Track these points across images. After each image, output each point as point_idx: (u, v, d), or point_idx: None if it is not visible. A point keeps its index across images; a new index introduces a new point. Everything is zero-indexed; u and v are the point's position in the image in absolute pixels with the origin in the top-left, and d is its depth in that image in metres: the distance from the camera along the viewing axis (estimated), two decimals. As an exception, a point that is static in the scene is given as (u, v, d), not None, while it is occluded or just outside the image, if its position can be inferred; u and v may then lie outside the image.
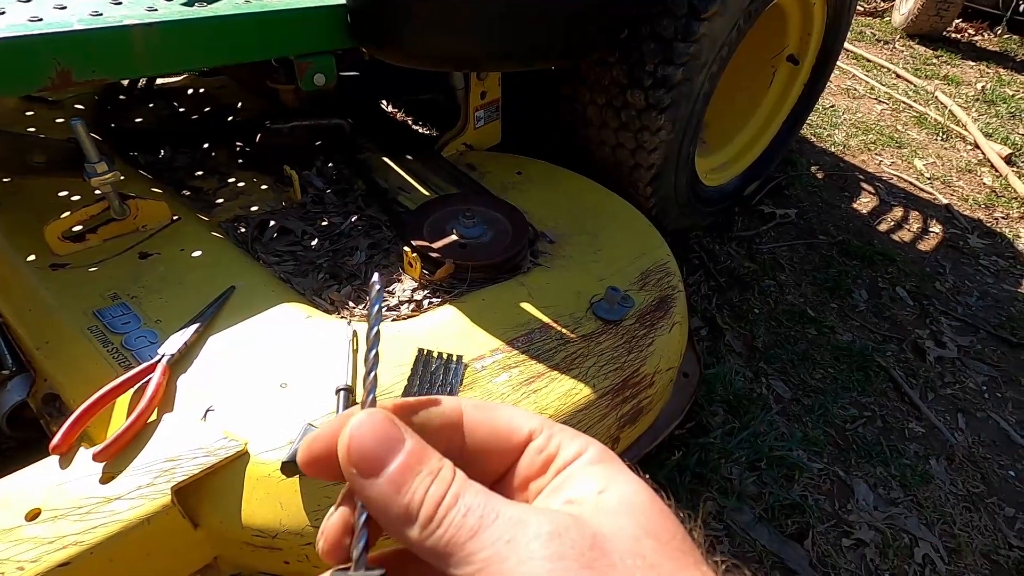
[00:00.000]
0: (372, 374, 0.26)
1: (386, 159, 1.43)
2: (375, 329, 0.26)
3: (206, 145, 1.41)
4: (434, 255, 1.07)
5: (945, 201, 2.34)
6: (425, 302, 1.04)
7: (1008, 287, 1.93)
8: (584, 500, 0.25)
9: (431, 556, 0.22)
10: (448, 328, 0.97)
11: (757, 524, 1.12)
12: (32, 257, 1.00)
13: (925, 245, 2.08)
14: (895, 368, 1.53)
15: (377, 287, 0.26)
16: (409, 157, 1.44)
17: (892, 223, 2.16)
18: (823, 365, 1.51)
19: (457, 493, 0.23)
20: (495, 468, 0.27)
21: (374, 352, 0.26)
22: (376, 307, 0.26)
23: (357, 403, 0.82)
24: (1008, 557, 1.14)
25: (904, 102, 3.16)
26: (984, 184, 2.52)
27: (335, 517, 0.26)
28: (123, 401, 0.79)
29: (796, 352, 1.53)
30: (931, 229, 2.17)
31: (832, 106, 3.03)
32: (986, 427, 1.42)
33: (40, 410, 0.93)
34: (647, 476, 0.27)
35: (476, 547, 0.22)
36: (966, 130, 2.92)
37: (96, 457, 0.70)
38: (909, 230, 2.14)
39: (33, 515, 0.66)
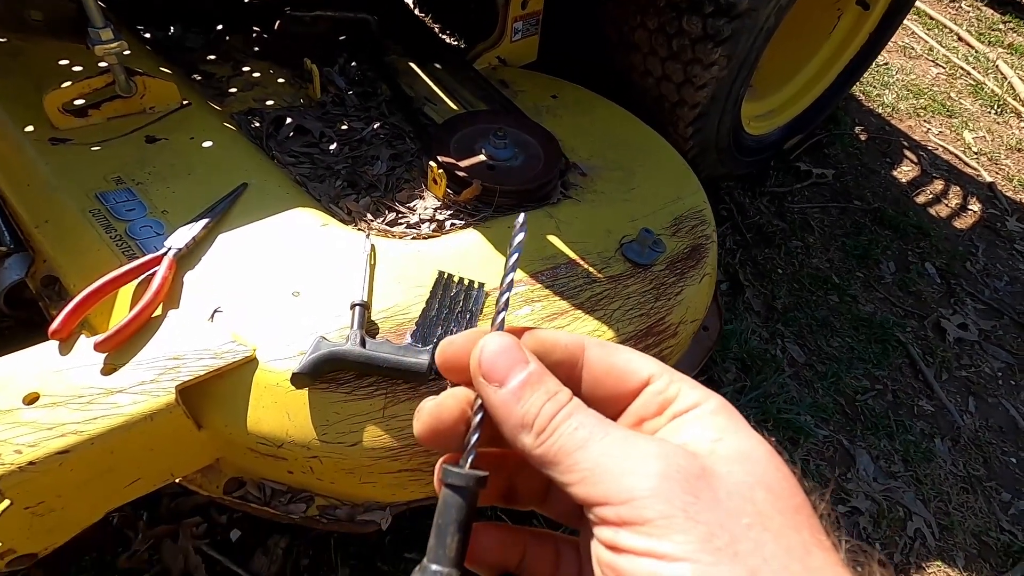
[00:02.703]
0: (504, 297, 0.28)
1: (413, 65, 1.32)
2: (510, 276, 0.29)
3: (220, 27, 1.29)
4: (461, 174, 1.00)
5: (989, 179, 2.23)
6: (447, 223, 0.98)
7: (1039, 275, 1.87)
8: (699, 445, 0.24)
9: (540, 463, 0.24)
10: (471, 253, 0.91)
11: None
12: (30, 128, 0.92)
13: (961, 223, 2.00)
14: (913, 344, 1.50)
15: (521, 236, 0.29)
16: (438, 66, 1.33)
17: (931, 196, 2.07)
18: (841, 333, 1.48)
19: (571, 412, 0.24)
20: (609, 409, 0.27)
21: (509, 278, 0.29)
22: (515, 255, 0.28)
23: (372, 320, 0.78)
24: (998, 540, 1.16)
25: (962, 68, 2.96)
26: (1032, 165, 2.40)
27: (432, 404, 0.28)
28: (126, 292, 0.74)
29: (815, 317, 1.49)
30: (970, 207, 2.07)
31: (886, 63, 2.84)
32: (996, 413, 1.41)
33: (39, 291, 0.89)
34: (773, 439, 0.25)
35: (582, 457, 0.23)
36: None
37: (98, 347, 0.66)
38: (947, 205, 2.05)
39: (31, 399, 0.63)
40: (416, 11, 2.02)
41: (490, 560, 0.29)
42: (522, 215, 0.30)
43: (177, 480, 0.74)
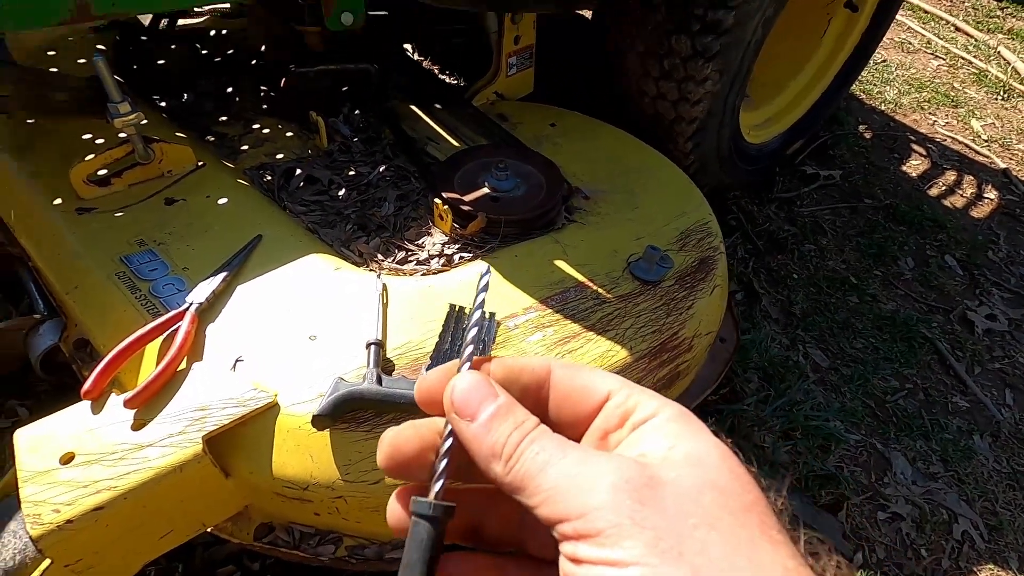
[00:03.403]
0: (470, 347, 0.30)
1: (414, 107, 1.37)
2: (473, 329, 0.31)
3: (229, 89, 1.36)
4: (466, 208, 1.02)
5: (1003, 165, 2.20)
6: (456, 257, 1.01)
7: (1066, 259, 1.82)
8: (655, 452, 0.26)
9: (510, 489, 0.26)
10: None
11: (789, 493, 1.10)
12: (58, 201, 0.98)
13: (979, 212, 1.96)
14: (941, 340, 1.46)
15: (486, 280, 0.32)
16: (438, 106, 1.38)
17: (944, 187, 2.04)
18: (864, 334, 1.45)
19: (534, 438, 0.26)
20: (578, 427, 0.29)
21: (474, 330, 0.31)
22: (481, 297, 0.32)
23: (388, 357, 0.80)
24: (1052, 537, 1.11)
25: (963, 57, 2.94)
26: (1046, 148, 2.36)
27: (391, 435, 0.30)
28: (152, 348, 0.78)
29: (836, 320, 1.47)
30: (986, 195, 2.04)
31: (884, 60, 2.84)
32: (1035, 404, 1.36)
33: (72, 355, 0.94)
34: (729, 440, 0.26)
35: (544, 480, 0.25)
36: (1030, 89, 2.72)
37: (127, 404, 0.69)
38: (962, 195, 2.02)
39: (67, 459, 0.65)
40: (414, 55, 2.10)
41: None
42: (486, 272, 0.32)
43: (208, 529, 0.76)
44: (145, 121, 0.98)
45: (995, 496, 1.16)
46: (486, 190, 1.07)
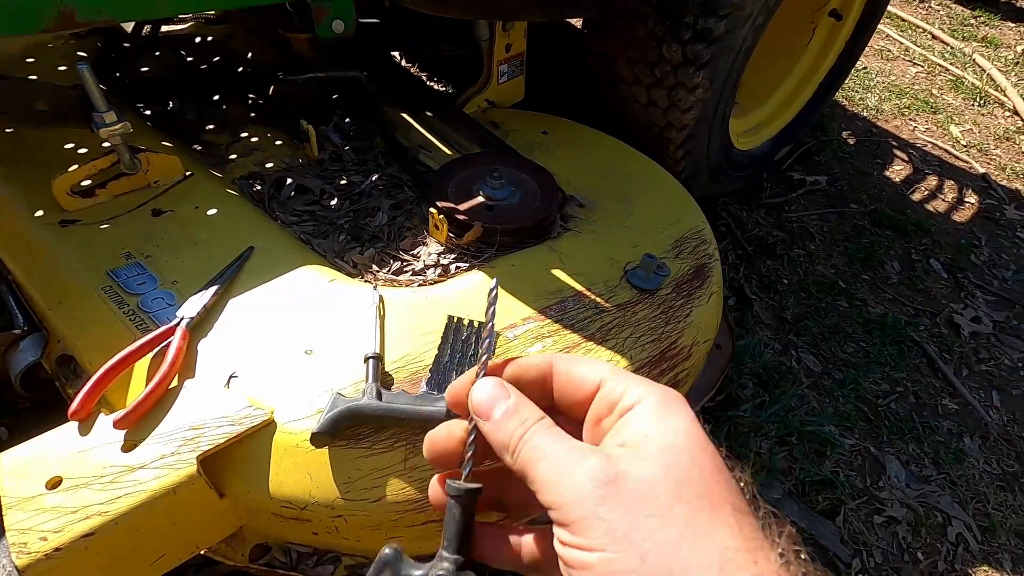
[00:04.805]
0: (485, 356, 0.34)
1: (406, 115, 1.36)
2: (490, 324, 0.35)
3: (216, 97, 1.33)
4: (461, 217, 1.01)
5: (982, 170, 2.25)
6: (452, 267, 0.99)
7: (1046, 261, 1.86)
8: (632, 443, 0.29)
9: (519, 475, 0.31)
10: (478, 294, 0.92)
11: (787, 499, 1.10)
12: (40, 213, 0.95)
13: (960, 216, 2.00)
14: (928, 343, 1.48)
15: (495, 293, 0.35)
16: (429, 114, 1.37)
17: (926, 192, 2.08)
18: (855, 338, 1.47)
19: (534, 433, 0.31)
20: (577, 409, 0.34)
21: (488, 338, 0.35)
22: (492, 307, 0.35)
23: (387, 370, 0.79)
24: (1043, 537, 1.12)
25: (940, 65, 3.01)
26: (1023, 153, 2.42)
27: (430, 435, 0.36)
28: (142, 366, 0.75)
29: (827, 324, 1.48)
30: (967, 199, 2.08)
31: (865, 68, 2.89)
32: (1021, 405, 1.38)
33: (55, 371, 0.90)
34: (708, 427, 0.30)
35: (537, 471, 0.30)
36: (1005, 95, 2.79)
37: (117, 424, 0.66)
38: (944, 200, 2.06)
39: (54, 483, 0.63)
40: (404, 63, 2.08)
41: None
42: (495, 286, 0.36)
43: (202, 552, 0.73)
44: (131, 130, 0.95)
45: (987, 497, 1.18)
46: (481, 199, 1.06)
